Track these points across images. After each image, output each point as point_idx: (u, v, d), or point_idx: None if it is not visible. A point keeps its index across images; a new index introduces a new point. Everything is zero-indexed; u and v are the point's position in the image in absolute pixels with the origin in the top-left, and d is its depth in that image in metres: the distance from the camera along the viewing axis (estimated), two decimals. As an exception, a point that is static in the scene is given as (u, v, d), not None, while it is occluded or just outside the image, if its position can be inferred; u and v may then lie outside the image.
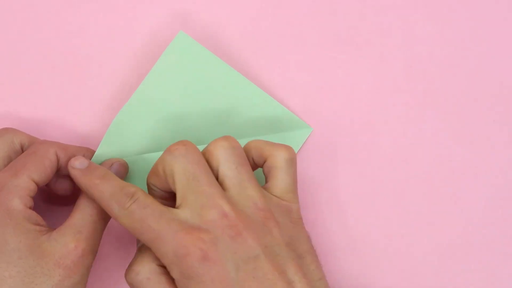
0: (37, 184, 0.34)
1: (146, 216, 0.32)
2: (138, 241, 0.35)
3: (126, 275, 0.34)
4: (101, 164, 0.37)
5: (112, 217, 0.34)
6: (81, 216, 0.34)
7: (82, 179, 0.34)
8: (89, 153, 0.37)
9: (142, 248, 0.34)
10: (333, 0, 0.42)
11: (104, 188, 0.33)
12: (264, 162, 0.36)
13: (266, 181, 0.36)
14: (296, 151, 0.38)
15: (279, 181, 0.35)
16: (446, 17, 0.42)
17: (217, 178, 0.34)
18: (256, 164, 0.37)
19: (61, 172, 0.36)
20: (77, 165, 0.35)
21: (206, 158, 0.34)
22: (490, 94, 0.41)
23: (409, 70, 0.42)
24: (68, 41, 0.42)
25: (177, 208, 0.33)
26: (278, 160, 0.35)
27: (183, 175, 0.33)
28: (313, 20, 0.42)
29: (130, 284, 0.34)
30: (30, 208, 0.34)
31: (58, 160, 0.36)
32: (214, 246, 0.31)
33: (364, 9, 0.42)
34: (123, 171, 0.38)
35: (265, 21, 0.42)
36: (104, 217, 0.35)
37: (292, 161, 0.36)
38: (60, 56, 0.42)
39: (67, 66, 0.42)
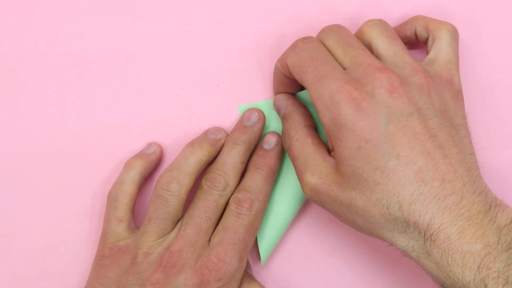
0: None
1: (314, 60, 0.34)
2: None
3: (283, 142, 0.38)
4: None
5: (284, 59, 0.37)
6: None
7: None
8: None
9: (292, 114, 0.37)
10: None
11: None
12: (427, 34, 0.37)
13: (428, 53, 0.36)
14: None
15: (442, 52, 0.36)
16: (447, 16, 0.42)
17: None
18: (417, 36, 0.38)
19: None
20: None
21: (359, 38, 0.36)
22: (489, 94, 0.42)
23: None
24: (69, 41, 0.42)
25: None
26: (442, 31, 0.36)
27: (338, 44, 0.35)
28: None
29: (286, 149, 0.37)
30: None
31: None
32: (369, 97, 0.32)
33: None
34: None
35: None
36: None
37: (456, 35, 0.37)
38: (60, 56, 0.42)
39: (67, 66, 0.42)
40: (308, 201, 0.41)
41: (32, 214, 0.41)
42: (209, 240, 0.37)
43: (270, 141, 0.39)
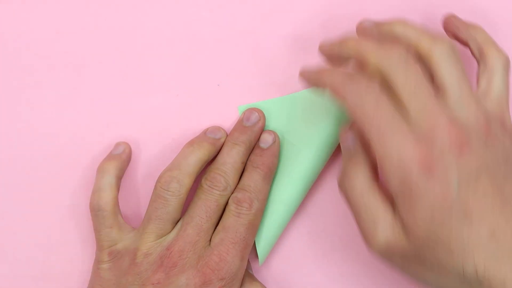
0: None
1: (379, 111, 0.31)
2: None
3: (341, 182, 0.34)
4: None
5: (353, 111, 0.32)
6: None
7: None
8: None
9: (359, 158, 0.34)
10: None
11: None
12: (479, 57, 0.35)
13: (478, 82, 0.35)
14: None
15: (494, 88, 0.34)
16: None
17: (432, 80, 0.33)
18: (469, 50, 0.36)
19: None
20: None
21: (423, 57, 0.33)
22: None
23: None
24: (69, 41, 0.42)
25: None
26: (497, 62, 0.35)
27: (407, 85, 0.32)
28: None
29: (343, 192, 0.34)
30: None
31: None
32: (439, 159, 0.30)
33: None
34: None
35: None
36: None
37: (509, 68, 0.35)
38: (60, 56, 0.42)
39: (67, 66, 0.42)
40: (308, 201, 0.41)
41: (32, 214, 0.41)
42: (210, 240, 0.37)
43: (267, 140, 0.39)
